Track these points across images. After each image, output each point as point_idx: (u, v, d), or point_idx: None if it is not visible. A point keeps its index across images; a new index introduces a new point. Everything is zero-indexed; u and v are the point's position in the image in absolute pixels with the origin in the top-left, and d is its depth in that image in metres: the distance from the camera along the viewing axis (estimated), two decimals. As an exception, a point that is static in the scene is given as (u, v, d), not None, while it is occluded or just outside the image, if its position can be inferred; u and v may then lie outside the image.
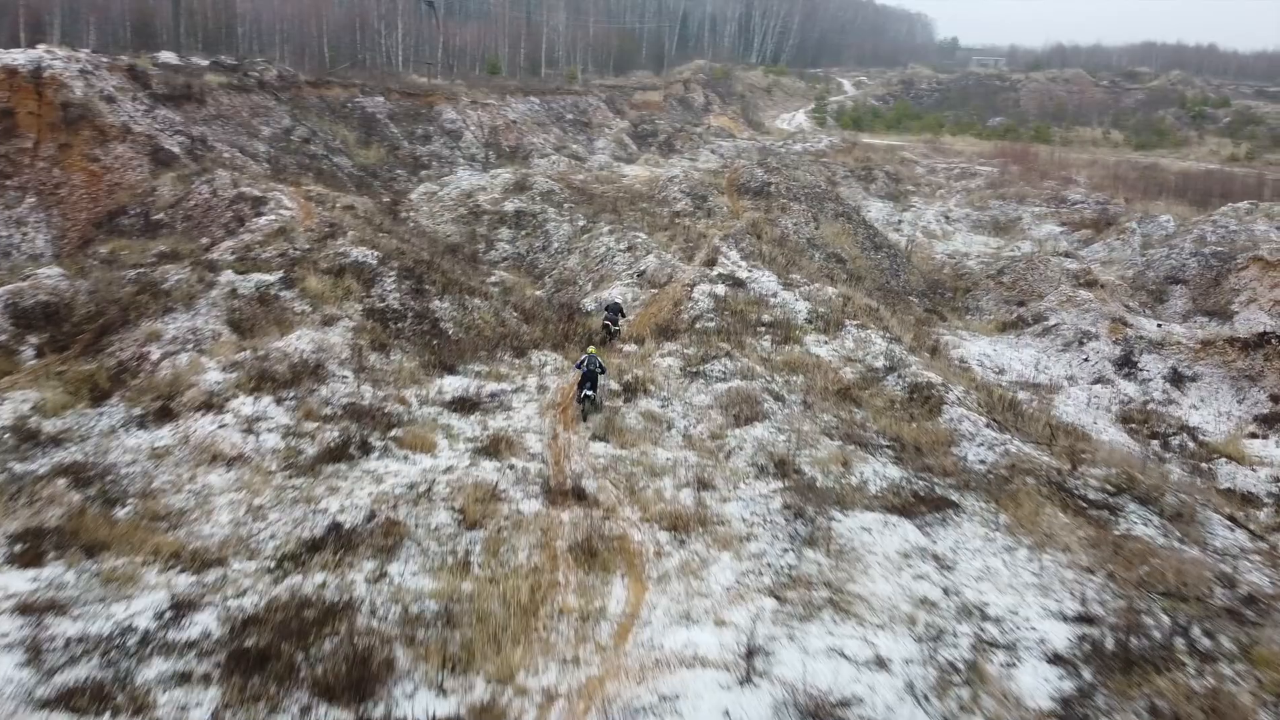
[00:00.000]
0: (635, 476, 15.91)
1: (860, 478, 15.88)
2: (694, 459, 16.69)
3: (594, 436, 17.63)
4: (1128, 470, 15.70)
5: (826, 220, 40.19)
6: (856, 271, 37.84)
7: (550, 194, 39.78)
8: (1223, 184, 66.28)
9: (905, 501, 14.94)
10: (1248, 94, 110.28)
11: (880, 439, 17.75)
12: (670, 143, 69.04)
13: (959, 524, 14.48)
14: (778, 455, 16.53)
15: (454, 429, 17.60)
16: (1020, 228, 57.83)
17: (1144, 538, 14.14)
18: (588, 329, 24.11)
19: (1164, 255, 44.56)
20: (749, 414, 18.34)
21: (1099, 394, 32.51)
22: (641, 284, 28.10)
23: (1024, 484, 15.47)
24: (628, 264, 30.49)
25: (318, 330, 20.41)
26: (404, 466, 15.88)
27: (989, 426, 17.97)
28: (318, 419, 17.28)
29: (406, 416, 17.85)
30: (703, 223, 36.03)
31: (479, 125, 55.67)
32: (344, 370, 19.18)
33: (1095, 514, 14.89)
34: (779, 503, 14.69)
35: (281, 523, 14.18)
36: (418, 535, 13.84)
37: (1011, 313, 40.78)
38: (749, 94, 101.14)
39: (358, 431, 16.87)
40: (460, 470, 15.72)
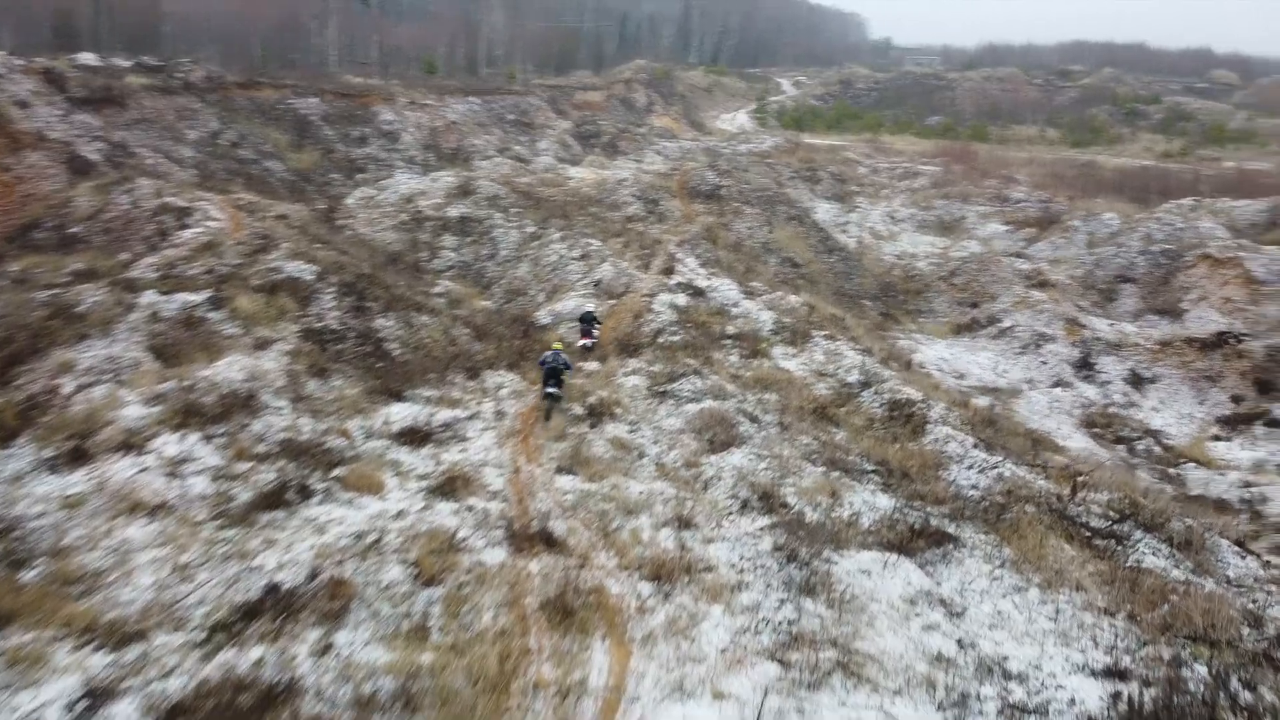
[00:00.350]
0: (608, 515, 14.42)
1: (851, 509, 14.60)
2: (670, 491, 15.26)
3: (560, 469, 16.10)
4: (1130, 495, 14.70)
5: (780, 224, 39.11)
6: (811, 276, 36.83)
7: (496, 198, 38.01)
8: (1159, 180, 67.00)
9: (902, 537, 13.70)
10: (1176, 90, 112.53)
11: (865, 463, 16.53)
12: (614, 144, 67.51)
13: (961, 560, 13.28)
14: (760, 486, 15.19)
15: (404, 465, 15.91)
16: (965, 227, 57.55)
17: (1157, 571, 13.11)
18: (545, 345, 22.50)
19: (1112, 254, 44.45)
20: (724, 438, 16.98)
21: (1060, 397, 31.93)
22: (598, 294, 26.59)
23: (1024, 513, 14.36)
24: (582, 273, 28.95)
25: (250, 355, 18.53)
26: (349, 512, 14.17)
27: (977, 447, 16.86)
28: (251, 458, 15.46)
29: (350, 452, 16.10)
30: (656, 228, 34.64)
31: (418, 126, 53.56)
32: (280, 400, 17.35)
33: (1101, 544, 13.83)
34: (768, 543, 13.33)
35: (212, 584, 12.40)
36: (368, 595, 12.18)
37: (965, 314, 40.20)
38: (690, 94, 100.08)
39: (296, 472, 15.09)
40: (413, 515, 14.06)
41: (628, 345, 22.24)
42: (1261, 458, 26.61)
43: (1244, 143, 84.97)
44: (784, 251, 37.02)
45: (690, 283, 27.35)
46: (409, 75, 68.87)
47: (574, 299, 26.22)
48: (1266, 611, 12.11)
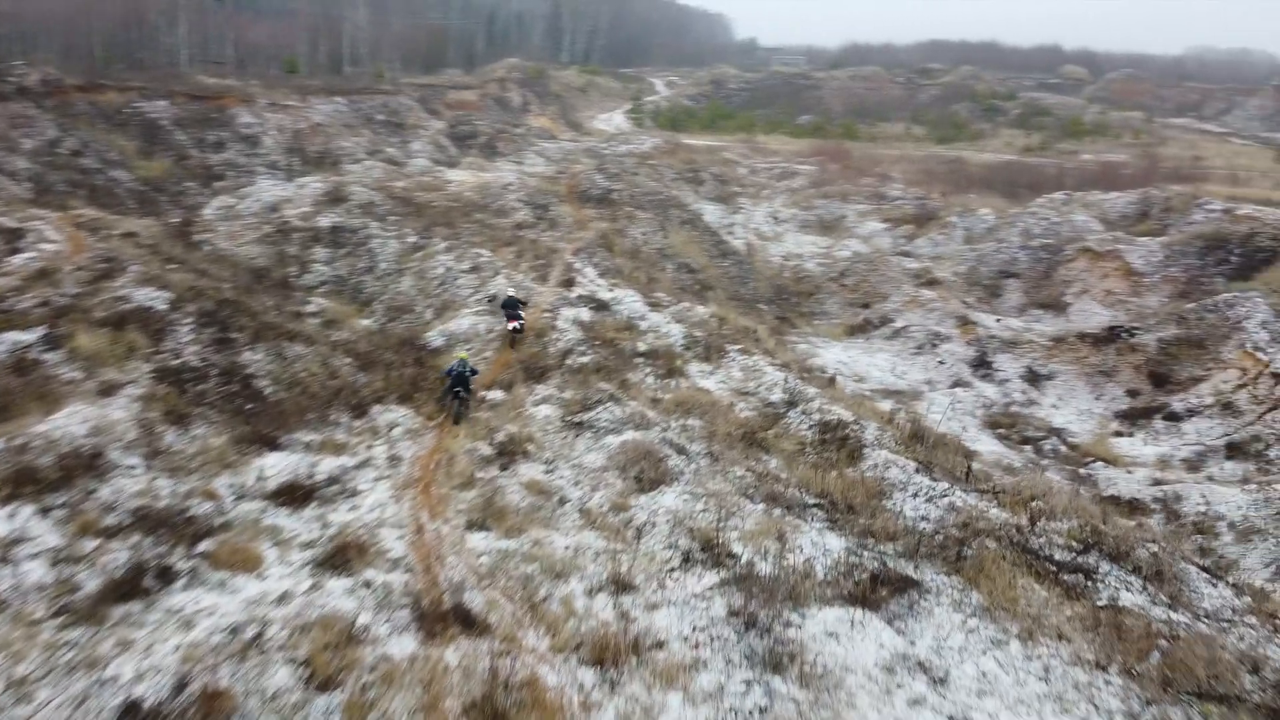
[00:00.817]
0: (532, 580, 12.43)
1: (802, 555, 13.05)
2: (599, 544, 13.39)
3: (470, 523, 13.98)
4: (1089, 521, 13.64)
5: (674, 228, 37.66)
6: (708, 281, 35.52)
7: (371, 206, 35.18)
8: (1025, 175, 68.99)
9: (862, 587, 12.23)
10: (1031, 86, 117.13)
11: (806, 496, 15.04)
12: (492, 144, 64.90)
13: (930, 611, 11.90)
14: (701, 532, 13.48)
15: (284, 532, 13.47)
16: (845, 226, 57.56)
17: (1136, 610, 12.03)
18: (440, 372, 20.24)
19: (994, 249, 44.87)
20: (653, 475, 15.20)
21: (961, 398, 31.51)
22: (493, 310, 24.39)
23: (985, 549, 13.11)
24: (474, 287, 26.67)
25: (94, 404, 15.66)
26: (221, 599, 11.73)
27: (919, 472, 15.62)
28: (99, 534, 12.77)
29: (219, 519, 13.56)
30: (549, 235, 32.60)
31: (280, 129, 49.79)
32: (131, 458, 14.62)
33: (1070, 579, 12.71)
34: (721, 606, 11.62)
35: (56, 705, 9.85)
36: (250, 709, 9.87)
37: (857, 315, 39.69)
38: (565, 94, 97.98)
39: (154, 549, 12.52)
40: (299, 598, 11.74)
41: (534, 369, 20.17)
42: (1165, 452, 26.66)
43: (1099, 136, 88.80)
44: (680, 257, 35.57)
45: (593, 295, 25.47)
46: (268, 75, 64.46)
47: (468, 316, 23.97)
48: (1259, 651, 11.13)
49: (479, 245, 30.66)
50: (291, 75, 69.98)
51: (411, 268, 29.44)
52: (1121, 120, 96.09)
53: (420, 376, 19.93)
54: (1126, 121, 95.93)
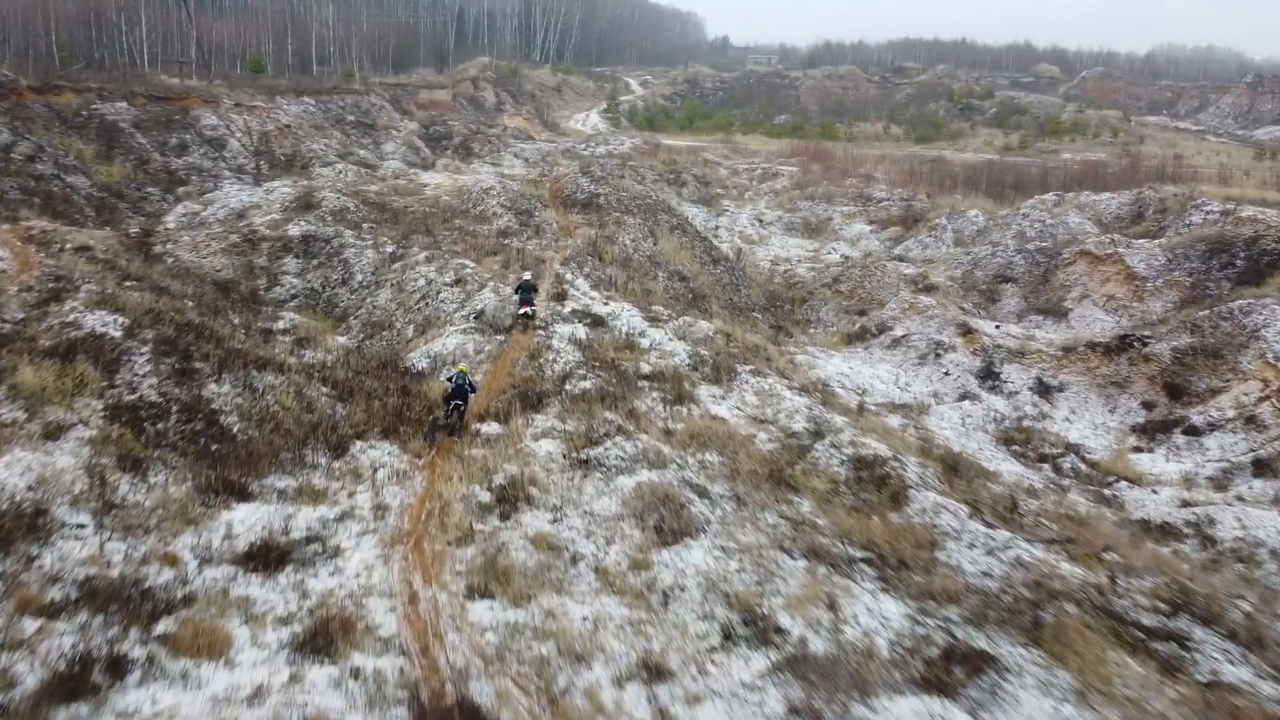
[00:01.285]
0: (548, 664, 10.60)
1: (859, 627, 11.33)
2: (621, 613, 11.59)
3: (471, 589, 12.12)
4: (1175, 578, 12.03)
5: (664, 234, 35.89)
6: (701, 289, 33.79)
7: (344, 212, 33.13)
8: (1007, 174, 67.97)
9: (934, 668, 10.53)
10: (1004, 85, 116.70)
11: (849, 548, 13.33)
12: (467, 146, 62.85)
13: (1014, 695, 10.23)
14: (739, 599, 11.73)
15: (256, 605, 11.52)
16: (832, 228, 56.17)
17: (1243, 688, 10.42)
18: (427, 401, 18.35)
19: (988, 253, 43.47)
20: (675, 525, 13.43)
21: (970, 412, 29.98)
22: (482, 328, 22.50)
23: (1065, 615, 11.46)
24: (458, 301, 24.75)
25: (38, 450, 13.63)
26: (183, 697, 9.79)
27: (973, 518, 13.97)
28: (41, 612, 10.79)
29: (181, 591, 11.59)
30: (534, 243, 30.73)
31: (246, 131, 47.44)
32: (80, 514, 12.63)
33: (1163, 650, 11.08)
34: (779, 701, 9.85)
35: None
36: None
37: (854, 323, 38.12)
38: (540, 93, 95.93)
39: (105, 632, 10.56)
40: (276, 695, 9.82)
41: (530, 396, 18.30)
42: (1188, 470, 25.25)
43: (1078, 134, 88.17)
44: (671, 264, 33.80)
45: (587, 309, 23.65)
46: (234, 75, 61.91)
47: (454, 335, 22.05)
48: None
49: (461, 255, 28.75)
50: (258, 75, 67.39)
51: (390, 280, 27.46)
52: (1099, 119, 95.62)
53: (405, 406, 17.99)
54: (1104, 120, 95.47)
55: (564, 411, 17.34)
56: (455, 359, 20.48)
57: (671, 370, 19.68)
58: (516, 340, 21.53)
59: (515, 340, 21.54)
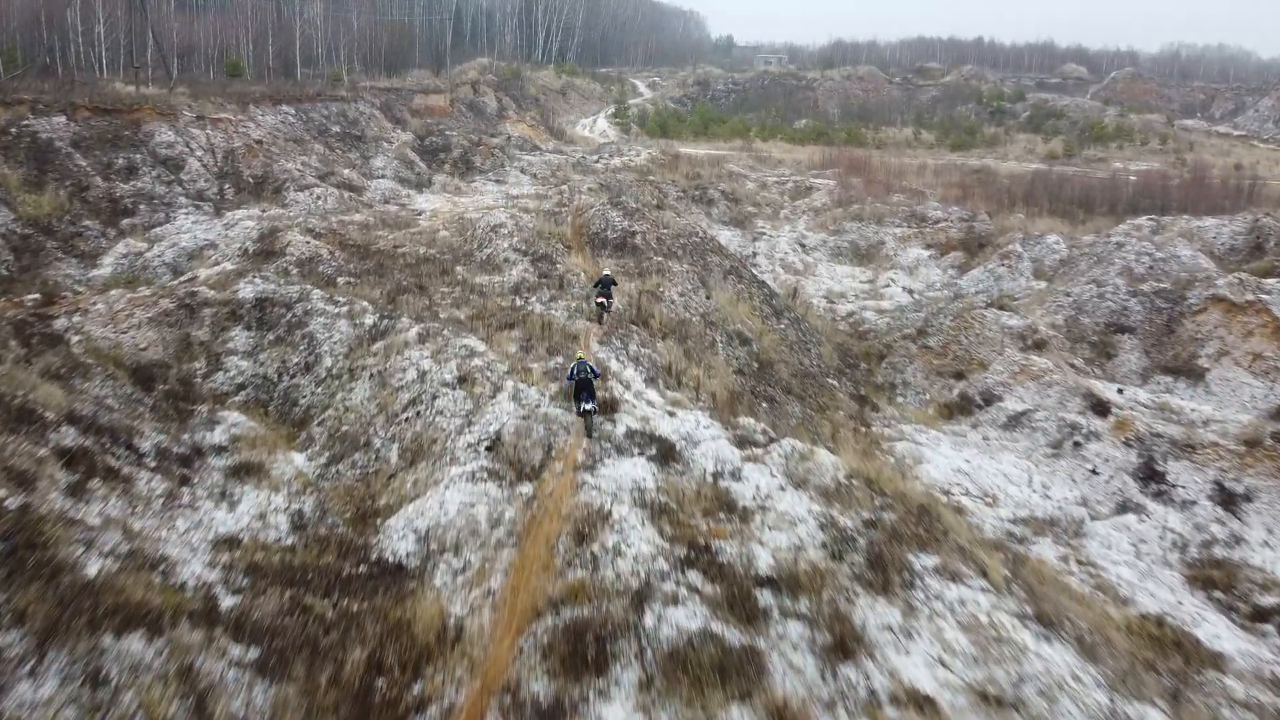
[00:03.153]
0: None
1: None
2: None
3: None
4: None
5: (717, 282, 28.33)
6: (768, 356, 26.27)
7: (314, 263, 25.56)
8: (1065, 187, 60.38)
9: None
10: (1030, 86, 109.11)
11: None
12: (468, 159, 55.15)
13: None
14: None
15: None
16: (884, 253, 48.68)
17: None
18: (417, 648, 10.76)
19: (1095, 294, 35.85)
20: None
21: (1139, 532, 22.43)
22: (498, 467, 14.91)
23: None
24: (463, 413, 17.16)
25: None
26: None
27: None
28: None
29: None
30: (561, 307, 23.14)
31: (209, 148, 39.74)
32: None
33: None
34: None
35: None
36: None
37: (950, 388, 30.62)
38: (544, 97, 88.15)
39: None
40: None
41: (583, 638, 10.64)
42: None
43: (1124, 141, 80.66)
44: (730, 322, 26.27)
45: (648, 427, 16.11)
46: (204, 81, 54.16)
47: (456, 486, 14.46)
48: None
49: (466, 327, 21.18)
50: (234, 79, 59.67)
51: (369, 367, 19.87)
52: (1142, 124, 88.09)
53: (381, 667, 10.33)
54: (1148, 125, 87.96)
55: (649, 697, 9.70)
56: (459, 538, 12.91)
57: (808, 568, 12.10)
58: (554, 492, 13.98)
59: (553, 492, 13.99)
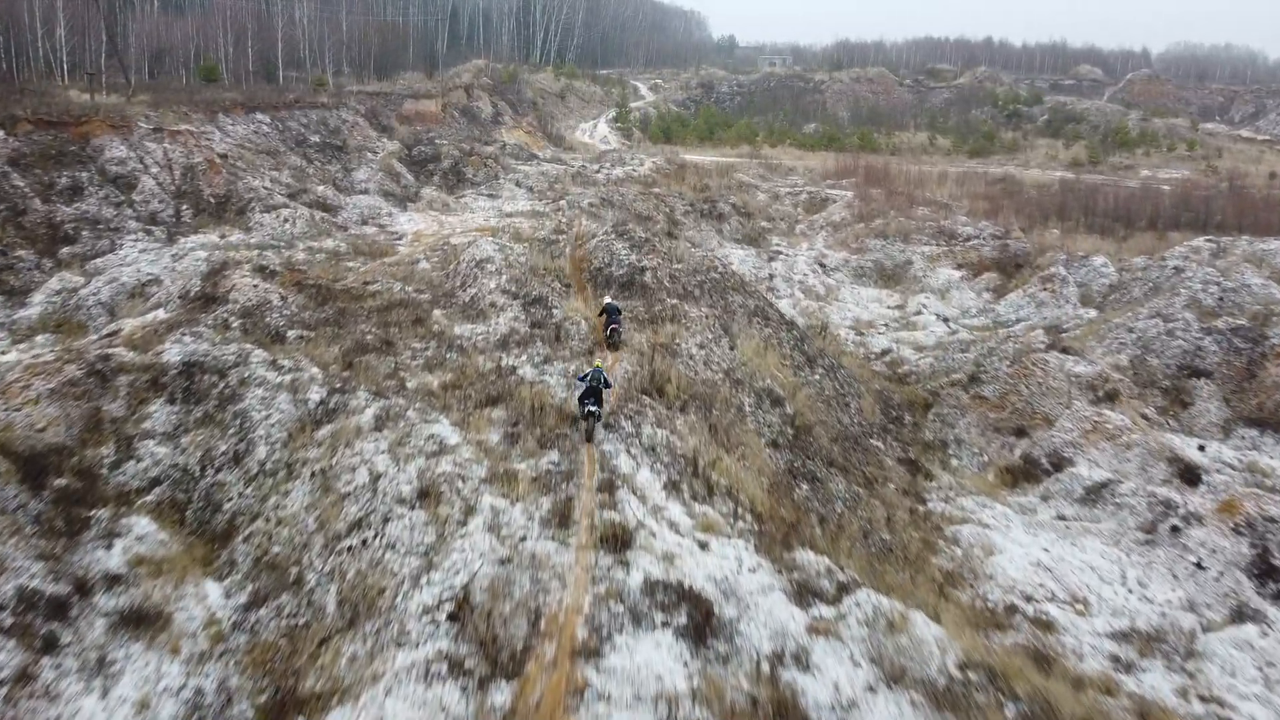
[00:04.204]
0: None
1: None
2: None
3: None
4: None
5: (740, 327, 23.90)
6: (803, 417, 21.88)
7: (261, 311, 21.14)
8: (1095, 198, 55.87)
9: None
10: (1045, 88, 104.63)
11: None
12: (458, 171, 50.74)
13: None
14: None
15: None
16: (913, 274, 44.23)
17: None
18: None
19: (1161, 330, 31.38)
20: None
21: (1268, 653, 18.23)
22: (463, 652, 10.52)
23: None
24: (421, 549, 12.76)
25: None
26: None
27: None
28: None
29: None
30: (557, 370, 18.71)
31: (166, 164, 35.32)
32: None
33: None
34: None
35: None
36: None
37: (1011, 448, 26.21)
38: (542, 101, 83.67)
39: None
40: None
41: None
42: None
43: (1150, 147, 76.22)
44: (757, 378, 21.88)
45: (675, 577, 11.73)
46: (174, 88, 49.71)
47: (403, 692, 10.05)
48: None
49: (436, 404, 16.79)
50: (210, 83, 55.28)
51: (311, 463, 15.48)
52: (1167, 129, 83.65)
53: None
54: (1172, 130, 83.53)
55: None
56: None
57: None
58: (542, 702, 9.63)
59: (540, 702, 9.63)
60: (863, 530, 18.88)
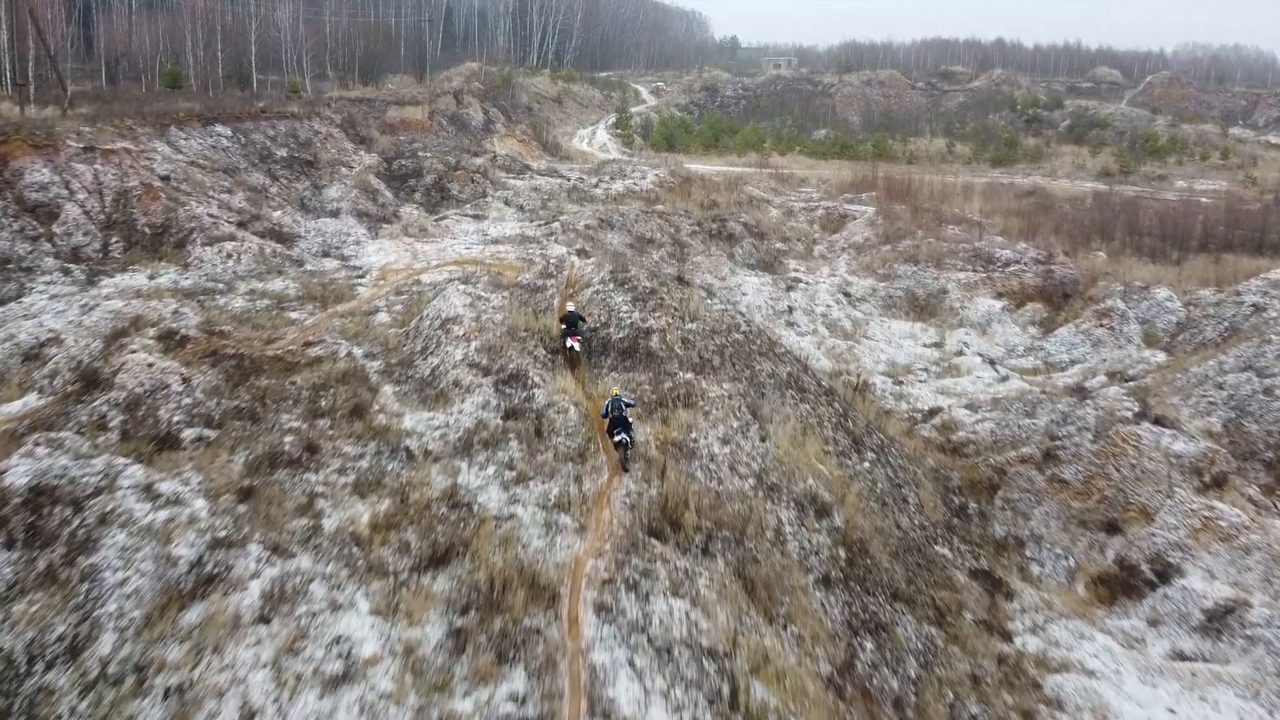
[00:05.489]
0: None
1: None
2: None
3: None
4: None
5: (772, 405, 18.86)
6: (855, 531, 16.85)
7: (153, 401, 16.11)
8: (1137, 214, 50.91)
9: None
10: (1061, 91, 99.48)
11: None
12: (442, 187, 45.71)
13: None
14: None
15: None
16: (948, 305, 39.08)
17: None
18: None
19: (1258, 388, 26.23)
20: None
21: None
22: None
23: None
24: None
25: None
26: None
27: None
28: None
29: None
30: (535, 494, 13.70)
31: (96, 190, 30.29)
32: None
33: None
34: None
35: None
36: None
37: (1102, 548, 21.13)
38: (538, 105, 78.56)
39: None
40: None
41: None
42: None
43: (1181, 154, 71.12)
44: (796, 479, 16.86)
45: None
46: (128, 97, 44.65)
47: None
48: None
49: (358, 563, 11.81)
50: (175, 90, 50.29)
51: (169, 667, 10.49)
52: (1197, 135, 78.55)
53: None
54: (1203, 137, 78.43)
55: None
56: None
57: None
58: None
59: None
60: (949, 708, 13.89)
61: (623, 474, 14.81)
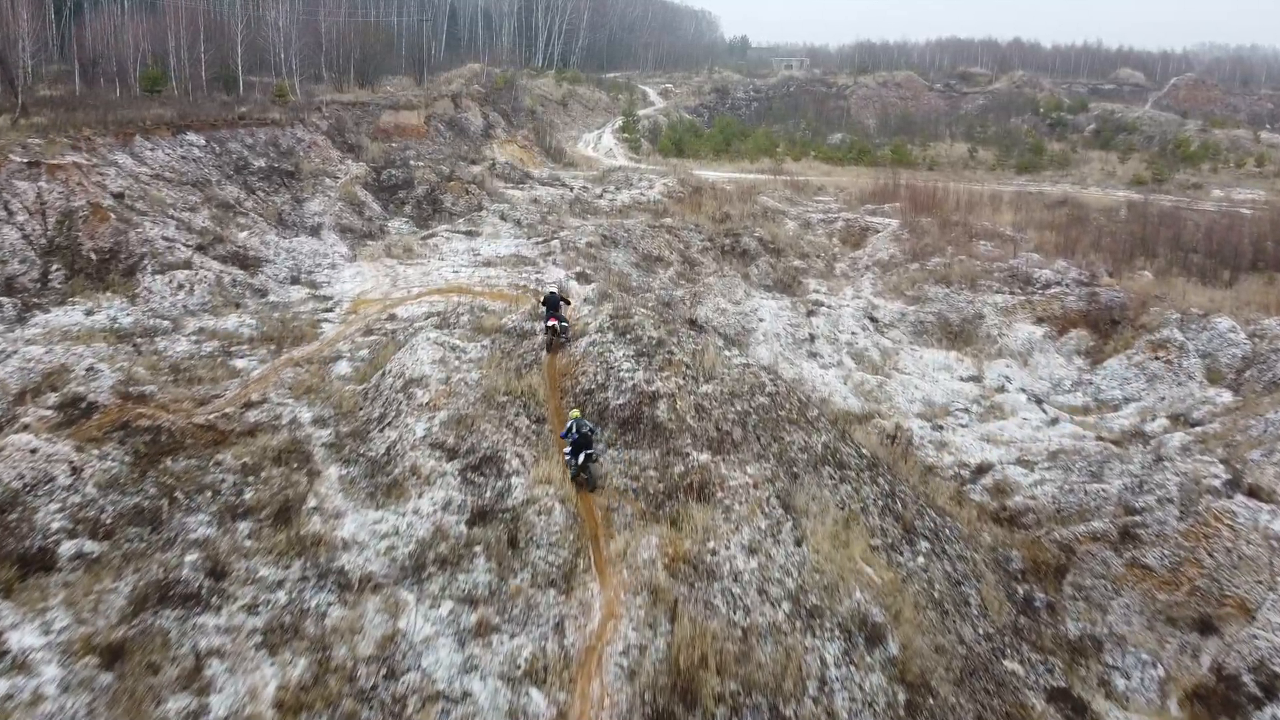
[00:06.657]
0: None
1: None
2: None
3: None
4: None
5: (808, 492, 15.32)
6: (914, 659, 13.29)
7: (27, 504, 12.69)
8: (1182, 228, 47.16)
9: None
10: (1083, 93, 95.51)
11: None
12: (435, 199, 42.29)
13: None
14: None
15: None
16: (985, 331, 35.37)
17: None
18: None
19: (1355, 441, 22.84)
20: None
21: None
22: None
23: None
24: None
25: None
26: None
27: None
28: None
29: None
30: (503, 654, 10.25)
31: (39, 210, 26.90)
32: None
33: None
34: None
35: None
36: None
37: (1195, 653, 17.38)
38: (541, 109, 75.06)
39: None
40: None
41: None
42: None
43: (1215, 161, 67.22)
44: (840, 596, 13.32)
45: None
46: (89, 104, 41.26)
47: None
48: None
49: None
50: (154, 94, 46.95)
51: None
52: (1230, 140, 74.63)
53: None
54: (1236, 142, 74.51)
55: None
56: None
57: None
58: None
59: None
60: None
61: (590, 492, 13.79)
